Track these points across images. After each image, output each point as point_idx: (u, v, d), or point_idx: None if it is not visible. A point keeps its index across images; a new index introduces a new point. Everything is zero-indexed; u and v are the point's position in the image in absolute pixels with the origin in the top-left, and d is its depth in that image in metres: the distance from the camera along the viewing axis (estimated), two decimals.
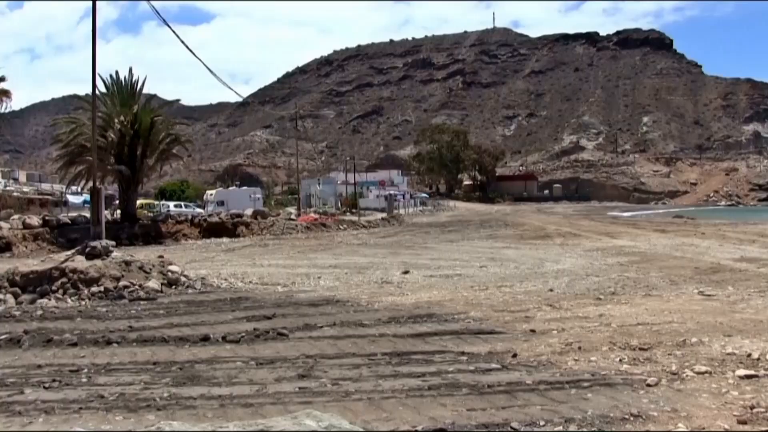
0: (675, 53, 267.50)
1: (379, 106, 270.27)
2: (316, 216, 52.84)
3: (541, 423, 5.90)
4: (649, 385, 7.03)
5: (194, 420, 5.98)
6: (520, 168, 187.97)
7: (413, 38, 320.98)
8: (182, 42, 24.95)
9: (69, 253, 16.67)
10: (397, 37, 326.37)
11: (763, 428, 5.74)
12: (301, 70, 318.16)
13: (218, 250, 29.88)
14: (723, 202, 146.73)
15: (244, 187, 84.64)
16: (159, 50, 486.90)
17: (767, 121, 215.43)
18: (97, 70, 20.14)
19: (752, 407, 6.27)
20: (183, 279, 15.81)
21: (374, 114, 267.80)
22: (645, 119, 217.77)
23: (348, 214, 63.50)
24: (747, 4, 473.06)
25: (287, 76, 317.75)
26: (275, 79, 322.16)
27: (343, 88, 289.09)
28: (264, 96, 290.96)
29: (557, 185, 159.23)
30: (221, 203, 64.14)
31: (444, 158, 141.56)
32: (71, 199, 54.71)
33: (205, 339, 9.70)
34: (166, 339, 9.79)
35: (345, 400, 6.66)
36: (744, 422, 5.88)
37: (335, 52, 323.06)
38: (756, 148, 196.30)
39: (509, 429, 5.78)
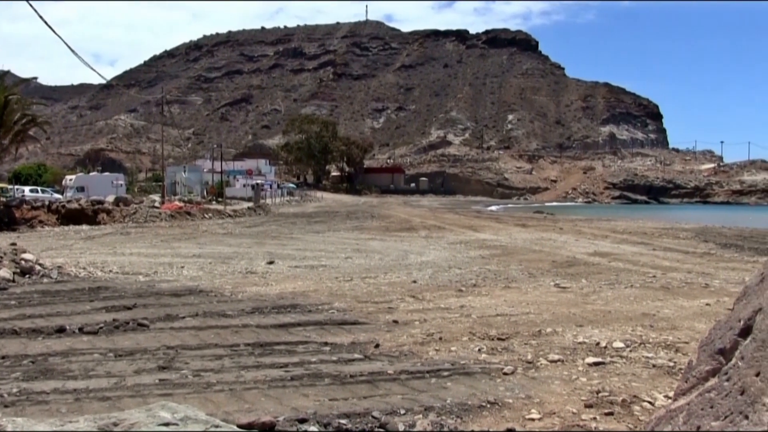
0: (540, 55, 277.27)
1: (249, 94, 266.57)
2: (181, 204, 51.53)
3: (402, 411, 6.03)
4: (505, 374, 7.33)
5: (46, 416, 5.75)
6: (388, 161, 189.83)
7: (285, 27, 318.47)
8: (40, 17, 23.71)
9: None
10: (269, 25, 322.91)
11: (607, 410, 6.10)
12: (169, 54, 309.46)
13: (77, 237, 28.67)
14: (580, 199, 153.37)
15: (106, 173, 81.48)
16: (15, 24, 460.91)
17: (622, 123, 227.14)
18: None
19: (598, 392, 6.67)
20: (38, 268, 15.10)
21: (243, 102, 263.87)
22: (510, 117, 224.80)
23: (214, 202, 62.35)
24: (608, 12, 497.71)
25: (155, 59, 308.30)
26: (142, 61, 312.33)
27: (212, 74, 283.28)
28: (130, 79, 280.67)
29: (424, 179, 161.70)
30: (81, 189, 61.46)
31: (312, 149, 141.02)
32: None
33: (61, 330, 9.32)
34: (17, 331, 9.32)
35: (206, 392, 6.58)
36: (590, 406, 6.24)
37: (205, 37, 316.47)
38: (611, 149, 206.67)
39: (370, 418, 5.87)
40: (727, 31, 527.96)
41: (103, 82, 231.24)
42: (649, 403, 6.33)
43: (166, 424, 3.19)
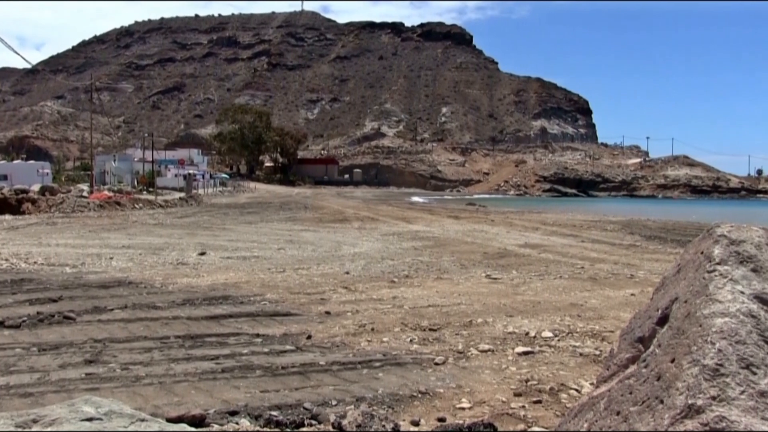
0: (474, 49, 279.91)
1: (181, 83, 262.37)
2: (111, 194, 50.52)
3: (333, 402, 6.04)
4: (437, 364, 7.40)
5: None
6: (322, 152, 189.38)
7: (219, 15, 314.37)
8: None
9: None
10: (202, 13, 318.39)
11: (535, 399, 6.23)
12: (99, 40, 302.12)
13: None
14: (512, 192, 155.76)
15: (31, 161, 79.32)
16: None
17: (553, 118, 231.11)
18: None
19: (527, 380, 6.81)
20: None
21: (175, 90, 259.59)
22: (444, 110, 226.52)
23: (144, 192, 61.31)
24: (541, 9, 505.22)
25: (84, 44, 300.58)
26: (70, 46, 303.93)
27: (143, 61, 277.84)
28: (57, 64, 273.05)
29: (358, 170, 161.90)
30: (4, 177, 59.88)
31: (246, 139, 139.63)
32: None
33: None
34: None
35: (135, 385, 6.48)
36: (519, 394, 6.37)
37: (137, 23, 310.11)
38: (542, 143, 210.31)
39: (302, 409, 5.87)
40: (654, 30, 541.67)
41: (29, 66, 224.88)
42: (576, 390, 6.48)
43: (89, 419, 3.13)
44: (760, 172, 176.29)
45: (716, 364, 2.69)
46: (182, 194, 61.03)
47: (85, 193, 48.25)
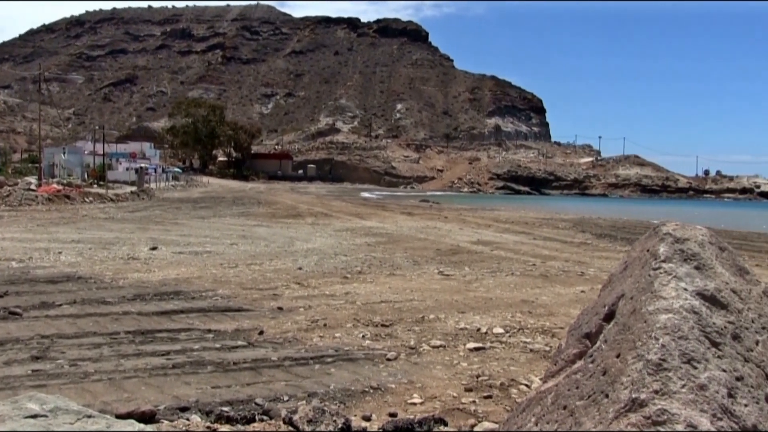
0: (430, 46, 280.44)
1: (134, 75, 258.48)
2: (60, 187, 49.55)
3: (285, 398, 6.05)
4: (389, 360, 7.45)
5: None
6: (276, 147, 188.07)
7: (173, 6, 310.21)
8: None
9: None
10: (156, 4, 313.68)
11: (486, 394, 6.31)
12: (47, 29, 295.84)
13: None
14: (465, 189, 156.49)
15: None
16: None
17: (507, 116, 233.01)
18: None
19: (478, 376, 6.89)
20: None
21: (128, 82, 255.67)
22: (399, 106, 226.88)
23: (95, 186, 60.35)
24: (497, 8, 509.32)
25: (31, 33, 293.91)
26: (17, 35, 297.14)
27: (94, 52, 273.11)
28: (3, 53, 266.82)
29: (312, 165, 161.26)
30: None
31: (199, 133, 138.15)
32: None
33: None
34: None
35: (83, 382, 6.40)
36: (470, 390, 6.44)
37: (87, 12, 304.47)
38: (496, 141, 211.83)
39: (253, 405, 5.86)
40: (607, 30, 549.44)
41: None
42: (526, 386, 6.57)
43: (34, 416, 3.07)
44: (707, 172, 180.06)
45: (659, 359, 2.76)
46: (134, 188, 60.19)
47: (33, 186, 47.23)
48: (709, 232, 3.44)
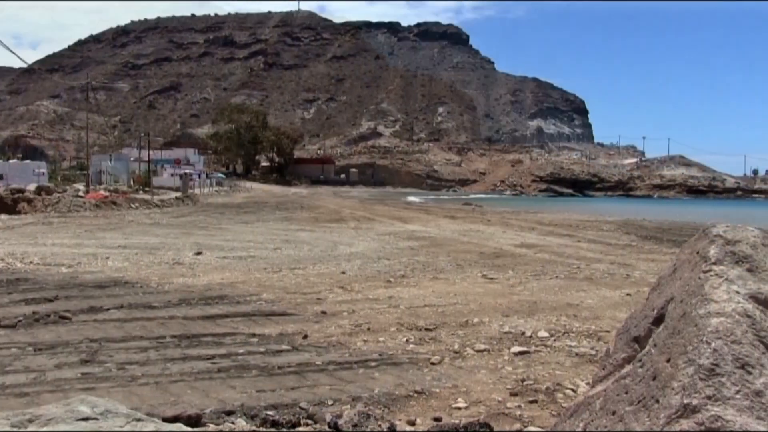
0: (471, 49, 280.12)
1: (177, 82, 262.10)
2: (107, 193, 50.38)
3: (329, 402, 6.04)
4: (432, 364, 7.41)
5: None
6: (318, 151, 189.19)
7: (216, 15, 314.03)
8: None
9: None
10: (199, 12, 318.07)
11: (531, 398, 6.25)
12: (95, 39, 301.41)
13: None
14: (508, 192, 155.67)
15: (27, 161, 79.14)
16: None
17: (550, 118, 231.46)
18: None
19: (523, 380, 6.82)
20: None
21: (172, 90, 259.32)
22: (440, 110, 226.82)
23: (141, 192, 61.19)
24: (538, 8, 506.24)
25: (80, 43, 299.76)
26: (66, 46, 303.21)
27: (140, 60, 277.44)
28: (53, 63, 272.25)
29: (354, 170, 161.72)
30: (0, 177, 59.61)
31: (242, 138, 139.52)
32: None
33: None
34: None
35: (131, 385, 6.47)
36: (515, 394, 6.38)
37: (133, 22, 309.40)
38: (539, 143, 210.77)
39: (298, 409, 5.87)
40: (650, 30, 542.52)
41: (24, 65, 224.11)
42: (572, 390, 6.48)
43: (85, 419, 3.11)
44: (755, 172, 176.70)
45: (712, 364, 2.70)
46: (178, 194, 60.93)
47: (81, 193, 48.12)
48: (762, 234, 3.36)
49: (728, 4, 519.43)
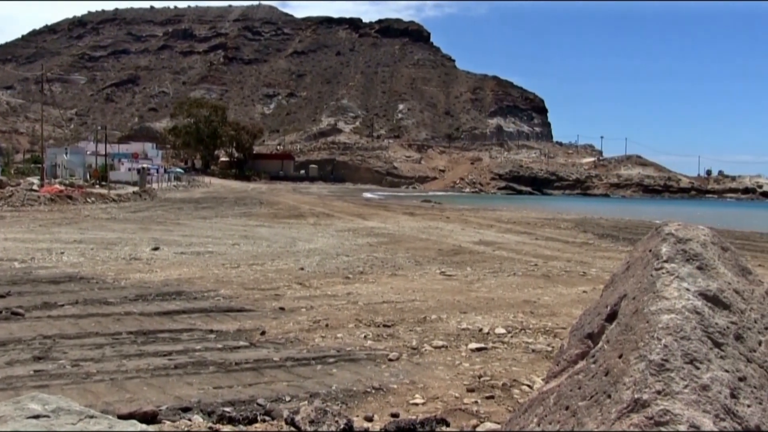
0: (432, 46, 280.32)
1: (136, 75, 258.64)
2: (62, 188, 49.58)
3: (287, 398, 6.05)
4: (391, 360, 7.45)
5: None
6: (278, 147, 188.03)
7: (175, 7, 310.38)
8: None
9: None
10: (158, 5, 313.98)
11: (488, 394, 6.30)
12: (50, 29, 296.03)
13: None
14: (467, 189, 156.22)
15: None
16: None
17: (509, 116, 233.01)
18: None
19: (480, 376, 6.88)
20: None
21: (130, 83, 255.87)
22: (400, 107, 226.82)
23: (97, 186, 60.37)
24: (499, 7, 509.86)
25: (34, 33, 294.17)
26: (20, 35, 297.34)
27: (97, 52, 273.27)
28: (5, 53, 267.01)
29: (314, 166, 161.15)
30: None
31: (201, 133, 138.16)
32: None
33: None
34: None
35: (85, 382, 6.40)
36: (472, 390, 6.44)
37: (90, 13, 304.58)
38: (498, 141, 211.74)
39: (255, 405, 5.87)
40: (609, 31, 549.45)
41: None
42: (528, 386, 6.57)
43: (36, 417, 3.07)
44: (709, 172, 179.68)
45: (662, 360, 2.76)
46: (136, 188, 60.21)
47: (35, 187, 47.30)
48: (712, 233, 3.43)
49: (683, 5, 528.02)
